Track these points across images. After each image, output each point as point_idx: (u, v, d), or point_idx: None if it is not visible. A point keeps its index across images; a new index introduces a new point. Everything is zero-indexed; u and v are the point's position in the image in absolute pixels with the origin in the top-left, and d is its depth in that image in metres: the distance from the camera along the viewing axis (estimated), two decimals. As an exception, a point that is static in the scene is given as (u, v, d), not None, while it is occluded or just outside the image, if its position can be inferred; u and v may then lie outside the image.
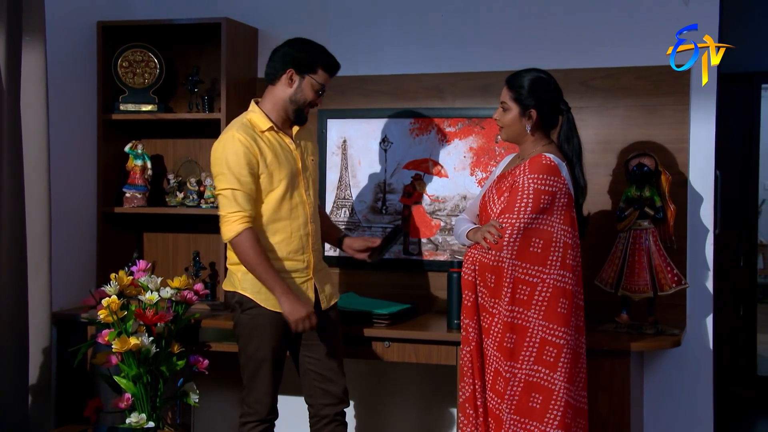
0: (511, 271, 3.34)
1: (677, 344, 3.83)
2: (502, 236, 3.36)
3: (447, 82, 4.46)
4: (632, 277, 3.92)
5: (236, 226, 3.49)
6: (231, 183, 3.51)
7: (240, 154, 3.51)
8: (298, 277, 3.67)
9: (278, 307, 3.57)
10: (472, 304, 3.46)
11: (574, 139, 3.51)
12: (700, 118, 4.14)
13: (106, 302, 3.69)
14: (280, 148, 3.63)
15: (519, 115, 3.49)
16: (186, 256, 4.82)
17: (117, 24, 4.64)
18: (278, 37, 4.61)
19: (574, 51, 4.28)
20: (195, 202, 4.65)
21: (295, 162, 3.66)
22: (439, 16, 4.47)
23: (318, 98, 3.67)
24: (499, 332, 3.37)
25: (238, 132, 3.55)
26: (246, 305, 3.64)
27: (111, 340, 3.69)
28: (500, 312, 3.37)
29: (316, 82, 3.63)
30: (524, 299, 3.34)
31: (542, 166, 3.38)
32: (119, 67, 4.64)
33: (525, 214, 3.34)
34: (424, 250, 4.47)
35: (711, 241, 4.13)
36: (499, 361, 3.37)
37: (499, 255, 3.35)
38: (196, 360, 4.04)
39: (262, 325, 3.62)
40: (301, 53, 3.63)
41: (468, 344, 3.47)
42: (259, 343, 3.64)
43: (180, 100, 4.81)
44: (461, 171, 4.43)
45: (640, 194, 3.93)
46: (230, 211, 3.51)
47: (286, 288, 3.53)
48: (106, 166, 4.66)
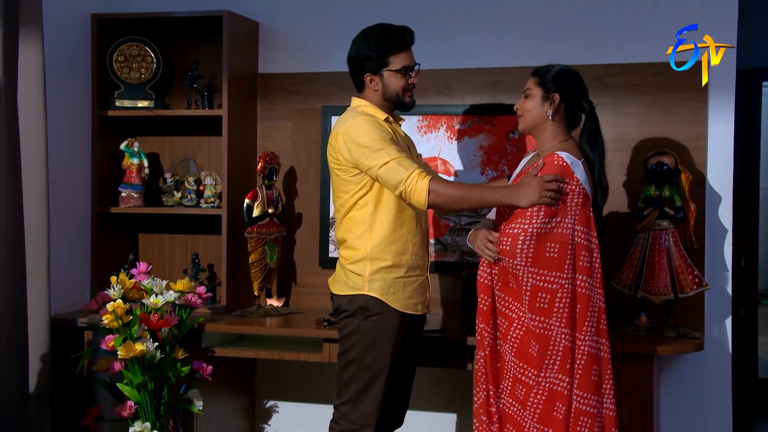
0: (527, 278, 3.25)
1: (700, 348, 3.77)
2: (498, 252, 3.29)
3: (456, 78, 4.38)
4: (652, 278, 3.86)
5: (420, 184, 3.26)
6: (386, 156, 3.29)
7: (382, 131, 3.36)
8: (419, 275, 3.51)
9: (406, 307, 3.44)
10: (488, 308, 3.36)
11: (599, 140, 3.41)
12: (719, 116, 4.08)
13: (111, 306, 3.58)
14: (400, 139, 3.51)
15: (541, 100, 3.38)
16: (183, 257, 4.70)
17: (112, 17, 4.51)
18: (280, 32, 4.56)
19: (587, 47, 4.22)
20: (194, 202, 4.53)
21: (410, 155, 3.51)
22: (448, 9, 4.39)
23: (410, 80, 3.49)
24: (518, 338, 3.28)
25: (363, 116, 3.40)
26: (373, 310, 3.41)
27: (117, 346, 3.56)
28: (520, 317, 3.28)
29: (397, 70, 3.46)
30: (545, 307, 3.24)
31: (554, 167, 3.27)
32: (115, 62, 4.53)
33: (537, 219, 3.23)
34: (432, 251, 4.38)
35: (730, 241, 4.08)
36: (517, 367, 3.28)
37: (513, 262, 3.26)
38: (199, 366, 3.95)
39: (386, 332, 3.41)
40: (367, 52, 3.46)
41: (483, 349, 3.37)
42: (380, 352, 3.41)
43: (177, 96, 4.70)
44: (471, 170, 4.34)
45: (659, 193, 3.87)
46: (402, 179, 3.27)
47: (505, 193, 3.28)
48: (101, 164, 4.54)
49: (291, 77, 4.56)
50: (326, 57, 4.52)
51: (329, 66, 4.50)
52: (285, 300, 4.50)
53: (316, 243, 4.51)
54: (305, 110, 4.53)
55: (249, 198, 4.27)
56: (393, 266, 3.43)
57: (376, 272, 3.42)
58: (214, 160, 4.64)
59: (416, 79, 3.52)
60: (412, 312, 3.48)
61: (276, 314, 4.31)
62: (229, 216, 4.35)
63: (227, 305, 4.35)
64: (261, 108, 4.61)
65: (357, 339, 3.43)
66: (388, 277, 3.42)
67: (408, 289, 3.46)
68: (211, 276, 4.64)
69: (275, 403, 4.70)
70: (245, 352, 4.14)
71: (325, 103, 4.48)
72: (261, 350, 4.12)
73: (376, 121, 3.41)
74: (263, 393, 4.71)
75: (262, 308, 4.34)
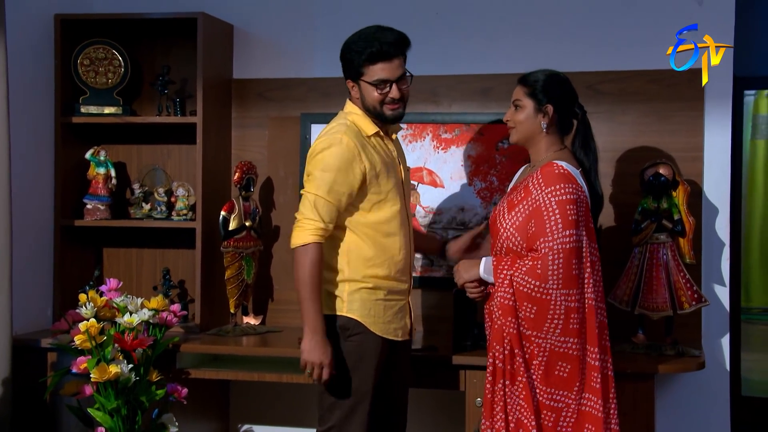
0: (561, 301, 3.16)
1: (701, 366, 3.73)
2: (481, 293, 3.28)
3: (443, 84, 4.32)
4: (650, 294, 3.82)
5: (307, 235, 3.24)
6: (319, 189, 3.25)
7: (343, 161, 3.25)
8: (400, 299, 3.43)
9: (387, 332, 3.36)
10: (516, 331, 3.22)
11: (592, 144, 3.39)
12: (716, 125, 4.08)
13: (84, 326, 3.46)
14: (386, 156, 3.39)
15: (534, 111, 3.34)
16: (151, 273, 4.58)
17: (77, 17, 4.39)
18: (256, 35, 4.47)
19: (580, 53, 4.18)
20: (164, 214, 4.42)
21: (397, 171, 3.43)
22: (435, 13, 4.33)
23: (387, 93, 3.30)
24: (544, 363, 3.19)
25: (345, 135, 3.27)
26: (353, 330, 3.32)
27: (90, 369, 3.43)
28: (539, 343, 3.18)
29: (370, 82, 3.30)
30: (576, 328, 3.18)
31: (555, 176, 3.21)
32: (80, 66, 4.40)
33: (559, 233, 3.15)
34: (418, 266, 4.31)
35: (727, 255, 4.07)
36: (544, 393, 3.19)
37: (544, 286, 3.16)
38: (174, 389, 3.84)
39: (369, 353, 3.32)
40: (347, 56, 3.33)
41: (520, 375, 3.21)
42: (363, 375, 3.31)
43: (145, 103, 4.58)
44: (458, 181, 4.28)
45: (657, 206, 3.84)
46: (307, 217, 3.26)
47: (319, 324, 3.25)
48: (64, 174, 4.41)
49: (268, 83, 4.48)
50: (305, 61, 4.44)
51: (309, 71, 4.42)
52: (262, 318, 4.39)
53: (295, 258, 4.41)
54: (283, 118, 4.44)
55: (225, 210, 4.16)
56: (373, 288, 3.35)
57: (355, 292, 3.34)
58: (185, 169, 4.52)
59: (397, 94, 3.31)
60: (391, 337, 3.38)
61: (254, 333, 4.21)
62: (203, 229, 4.23)
63: (201, 324, 4.24)
64: (236, 115, 4.51)
65: (340, 362, 3.33)
66: (368, 299, 3.35)
67: (388, 313, 3.38)
68: (182, 293, 4.52)
69: (250, 427, 4.59)
70: (223, 373, 4.03)
71: (304, 111, 4.40)
72: (240, 371, 4.01)
73: (355, 145, 3.27)
74: (238, 416, 4.59)
75: (239, 327, 4.24)
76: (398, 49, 3.32)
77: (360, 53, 3.28)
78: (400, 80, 3.33)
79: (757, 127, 8.34)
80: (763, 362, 7.13)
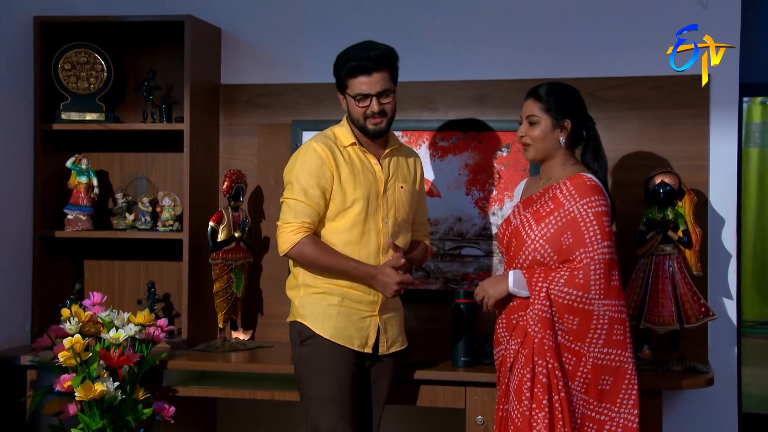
0: (603, 311, 3.20)
1: (710, 383, 3.68)
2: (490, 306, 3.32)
3: (439, 90, 4.27)
4: (656, 307, 3.77)
5: (291, 236, 3.41)
6: (296, 194, 3.43)
7: (313, 166, 3.43)
8: (362, 309, 3.48)
9: (339, 338, 3.43)
10: (555, 344, 3.21)
11: (602, 154, 3.44)
12: (721, 133, 4.05)
13: (69, 342, 3.36)
14: (361, 166, 3.50)
15: (551, 127, 3.37)
16: (135, 286, 4.50)
17: (58, 20, 4.30)
18: (244, 39, 4.41)
19: (581, 58, 4.14)
20: (149, 225, 4.33)
21: (375, 184, 3.50)
22: (431, 17, 4.28)
23: (366, 107, 3.42)
24: (588, 373, 3.21)
25: (317, 143, 3.47)
26: (304, 335, 3.46)
27: (75, 387, 3.33)
28: (582, 354, 3.21)
29: (352, 95, 3.44)
30: (621, 339, 3.23)
31: (588, 188, 3.27)
32: (60, 70, 4.32)
33: (599, 244, 3.21)
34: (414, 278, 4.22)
35: (734, 267, 4.03)
36: (587, 404, 3.23)
37: (587, 297, 3.19)
38: (160, 407, 3.76)
39: (326, 357, 3.41)
40: (335, 68, 3.49)
41: (557, 392, 3.18)
42: (324, 380, 3.40)
43: (128, 109, 4.50)
44: (455, 190, 4.22)
45: (662, 216, 3.80)
46: (287, 222, 3.44)
47: (368, 270, 3.42)
48: (44, 183, 4.31)
49: (257, 88, 4.40)
50: (297, 66, 4.37)
51: (300, 77, 4.35)
52: (252, 333, 4.31)
53: (285, 270, 4.30)
54: (273, 125, 4.37)
55: (214, 221, 4.08)
56: (325, 293, 3.47)
57: (307, 297, 3.49)
58: (170, 178, 4.44)
59: (377, 107, 3.41)
60: (346, 345, 3.44)
61: (244, 348, 4.13)
62: (191, 240, 4.15)
63: (188, 339, 4.15)
64: (224, 122, 4.44)
65: (301, 368, 3.47)
66: (319, 303, 3.46)
67: (342, 319, 3.45)
68: (167, 307, 4.42)
69: (238, 446, 4.51)
70: (213, 391, 3.94)
71: (295, 118, 4.33)
72: (230, 389, 3.92)
73: (324, 151, 3.43)
74: (225, 435, 4.52)
75: (228, 342, 4.16)
76: (379, 64, 3.40)
77: (342, 67, 3.44)
78: (382, 95, 3.42)
79: (749, 135, 8.35)
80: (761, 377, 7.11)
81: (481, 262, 4.20)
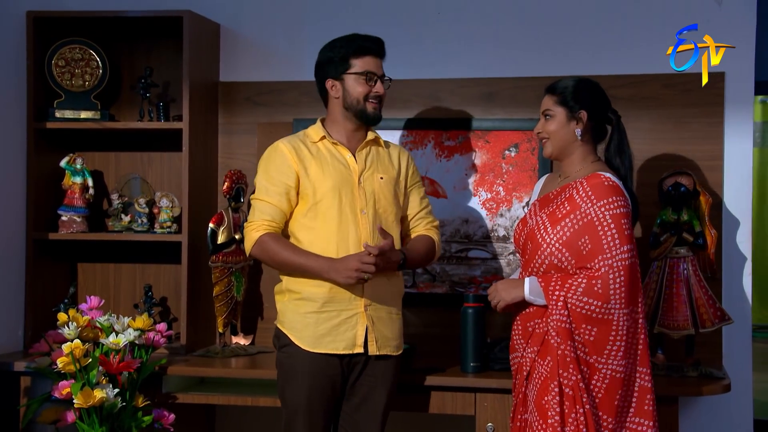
0: (624, 321, 3.11)
1: (727, 389, 3.64)
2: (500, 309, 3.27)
3: (445, 88, 4.23)
4: (670, 312, 3.73)
5: (253, 235, 3.45)
6: (258, 193, 3.49)
7: (274, 164, 3.48)
8: (347, 309, 3.40)
9: (316, 347, 3.39)
10: (575, 355, 3.12)
11: (627, 150, 3.34)
12: (736, 132, 4.01)
13: (68, 348, 3.31)
14: (331, 158, 3.50)
15: (566, 119, 3.29)
16: (130, 290, 4.45)
17: (52, 15, 4.24)
18: (244, 35, 4.37)
19: (592, 56, 4.11)
20: (145, 227, 4.27)
21: (349, 175, 3.47)
22: (437, 13, 4.24)
23: (373, 87, 3.48)
24: (603, 388, 3.12)
25: (282, 141, 3.54)
26: (282, 341, 3.48)
27: (74, 394, 3.27)
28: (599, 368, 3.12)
29: (359, 73, 3.46)
30: (641, 349, 3.17)
31: (606, 189, 3.17)
32: (54, 67, 4.27)
33: (618, 249, 3.10)
34: (419, 281, 4.20)
35: (749, 270, 3.99)
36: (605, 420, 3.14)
37: (606, 306, 3.09)
38: (160, 415, 3.71)
39: (299, 365, 3.41)
40: (329, 54, 3.53)
41: (582, 405, 3.09)
42: (294, 388, 3.41)
43: (124, 107, 4.45)
44: (462, 191, 4.18)
45: (677, 218, 3.76)
46: (249, 222, 3.50)
47: (325, 264, 3.35)
48: (37, 183, 4.25)
49: (257, 86, 4.36)
50: (297, 63, 4.31)
51: (301, 74, 4.27)
52: (252, 338, 4.26)
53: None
54: (274, 123, 4.32)
55: (214, 222, 4.03)
56: (305, 299, 3.44)
57: (287, 303, 3.49)
58: (168, 178, 4.40)
59: (381, 89, 3.49)
60: (327, 352, 3.40)
61: (244, 354, 4.08)
62: (190, 242, 4.09)
63: (187, 344, 4.09)
64: (223, 121, 4.39)
65: (278, 374, 3.51)
66: (297, 311, 3.45)
67: (322, 327, 3.40)
68: (164, 311, 4.37)
69: (236, 454, 4.46)
70: (213, 398, 3.89)
71: (296, 116, 4.28)
72: (230, 395, 3.88)
73: (288, 147, 3.48)
74: (223, 443, 4.46)
75: (228, 347, 4.10)
76: (381, 50, 3.53)
77: (347, 47, 3.48)
78: (383, 81, 3.52)
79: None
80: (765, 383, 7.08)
81: (488, 264, 4.16)
